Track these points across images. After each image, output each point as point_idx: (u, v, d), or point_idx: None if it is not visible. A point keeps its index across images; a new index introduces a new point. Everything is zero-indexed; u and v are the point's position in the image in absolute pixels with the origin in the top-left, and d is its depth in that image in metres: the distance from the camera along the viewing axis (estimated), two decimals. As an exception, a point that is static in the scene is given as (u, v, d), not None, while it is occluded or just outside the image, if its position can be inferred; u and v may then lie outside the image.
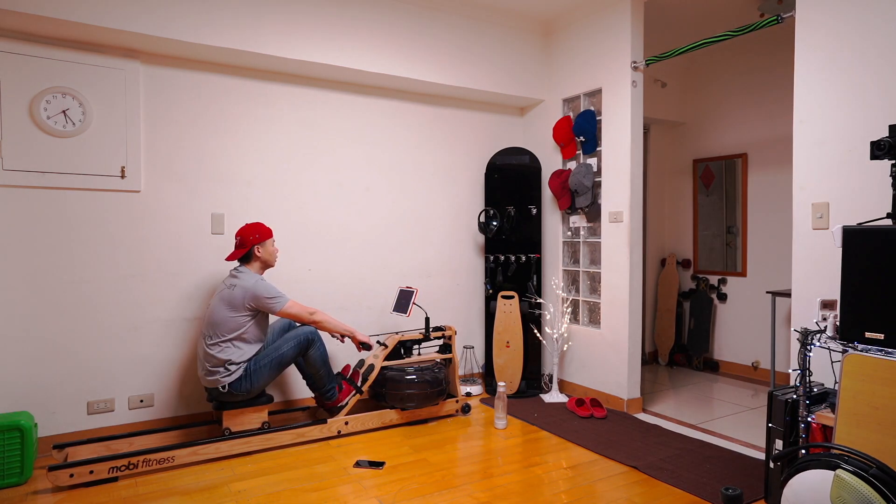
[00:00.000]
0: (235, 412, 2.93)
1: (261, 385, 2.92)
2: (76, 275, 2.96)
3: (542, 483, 2.56)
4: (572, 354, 4.03)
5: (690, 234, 5.04)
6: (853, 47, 2.52)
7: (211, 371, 2.84)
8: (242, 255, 2.98)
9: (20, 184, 2.82)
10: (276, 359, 2.96)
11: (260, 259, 3.00)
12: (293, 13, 3.26)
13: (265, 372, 2.92)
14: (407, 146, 3.97)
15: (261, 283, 2.89)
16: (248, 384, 2.87)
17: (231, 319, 2.84)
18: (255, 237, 2.97)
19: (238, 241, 2.98)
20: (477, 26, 3.93)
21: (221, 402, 2.90)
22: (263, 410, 3.00)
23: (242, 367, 2.87)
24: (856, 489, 1.63)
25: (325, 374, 3.12)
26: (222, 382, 2.83)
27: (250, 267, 2.99)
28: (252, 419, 2.97)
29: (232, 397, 2.88)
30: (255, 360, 2.92)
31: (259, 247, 2.98)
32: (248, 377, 2.87)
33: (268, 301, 2.88)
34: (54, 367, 2.92)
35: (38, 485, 2.55)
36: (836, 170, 2.57)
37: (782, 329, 4.30)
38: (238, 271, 2.94)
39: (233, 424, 2.93)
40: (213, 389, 2.87)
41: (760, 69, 4.48)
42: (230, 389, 2.84)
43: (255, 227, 2.98)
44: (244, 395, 2.88)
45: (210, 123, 3.30)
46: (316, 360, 3.08)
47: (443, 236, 4.14)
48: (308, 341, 3.05)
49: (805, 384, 2.15)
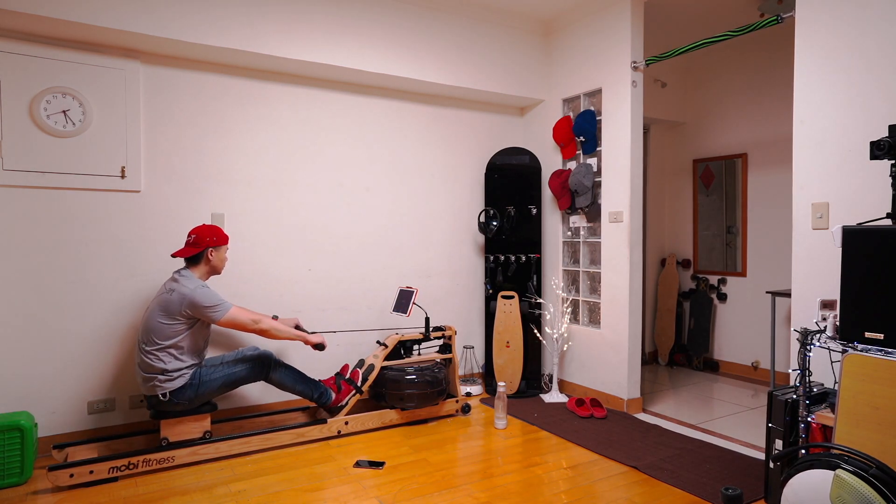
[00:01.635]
0: (174, 421, 2.76)
1: (205, 397, 2.77)
2: (76, 275, 2.96)
3: (542, 483, 2.56)
4: (572, 354, 4.03)
5: (690, 234, 5.04)
6: (853, 47, 2.52)
7: (147, 378, 2.67)
8: (192, 256, 2.79)
9: (20, 184, 2.82)
10: (230, 375, 2.83)
11: (210, 264, 2.83)
12: (293, 13, 3.26)
13: (214, 385, 2.77)
14: (407, 146, 3.97)
15: (200, 291, 2.68)
16: (192, 393, 2.71)
17: (166, 327, 2.65)
18: (212, 240, 2.80)
19: (192, 239, 2.79)
20: (477, 26, 3.93)
21: (159, 410, 2.71)
22: (205, 419, 2.83)
23: (187, 375, 2.72)
24: (856, 489, 1.63)
25: (303, 390, 3.02)
26: (163, 390, 2.66)
27: (195, 270, 2.80)
28: (193, 428, 2.80)
29: (172, 406, 2.70)
30: (206, 371, 2.78)
31: (213, 250, 2.82)
32: (194, 387, 2.72)
33: (207, 310, 2.68)
34: (54, 367, 2.92)
35: (38, 485, 2.55)
36: (836, 170, 2.57)
37: (782, 329, 4.30)
38: (180, 274, 2.74)
39: (171, 434, 2.75)
40: (152, 397, 2.68)
41: (760, 69, 4.48)
42: (171, 398, 2.68)
43: (213, 230, 2.82)
44: (186, 404, 2.72)
45: (210, 123, 3.30)
46: (284, 381, 2.97)
47: (443, 236, 4.14)
48: (264, 366, 2.92)
49: (805, 384, 2.15)
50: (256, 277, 3.43)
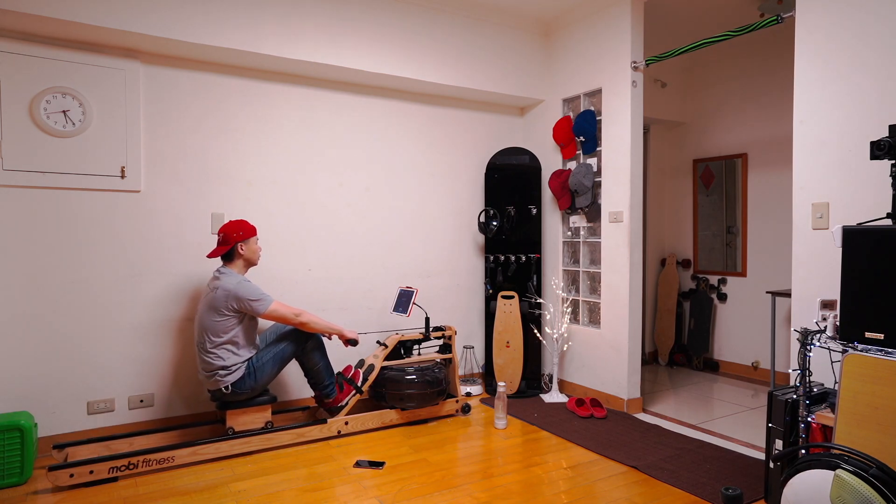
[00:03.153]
0: (239, 412, 2.92)
1: (264, 382, 2.91)
2: (76, 275, 2.96)
3: (542, 483, 2.56)
4: (572, 354, 4.03)
5: (690, 234, 5.04)
6: (853, 47, 2.52)
7: (209, 375, 2.82)
8: (225, 254, 2.90)
9: (20, 184, 2.82)
10: (278, 354, 2.95)
11: (243, 257, 2.92)
12: (293, 13, 3.26)
13: (268, 368, 2.90)
14: (407, 146, 3.97)
15: (244, 285, 2.82)
16: (253, 381, 2.86)
17: (218, 324, 2.79)
18: (239, 234, 2.89)
19: (221, 237, 2.90)
20: (477, 26, 3.93)
21: (225, 401, 2.88)
22: (267, 410, 2.99)
23: (244, 366, 2.86)
24: (856, 489, 1.63)
25: (324, 368, 3.11)
26: (224, 383, 2.81)
27: (233, 266, 2.91)
28: (256, 419, 2.96)
29: (235, 396, 2.86)
30: (257, 357, 2.91)
31: (242, 244, 2.90)
32: (252, 374, 2.86)
33: (251, 303, 2.81)
34: (54, 366, 2.92)
35: (38, 485, 2.55)
36: (836, 170, 2.57)
37: (782, 329, 4.30)
38: (220, 272, 2.87)
39: (236, 424, 2.92)
40: (216, 391, 2.85)
41: (760, 69, 4.48)
42: (234, 389, 2.82)
43: (238, 224, 2.91)
44: (248, 392, 2.87)
45: (210, 123, 3.30)
46: (314, 355, 3.07)
47: (443, 236, 4.14)
48: (307, 335, 3.05)
49: (805, 384, 2.15)
50: (257, 277, 3.43)
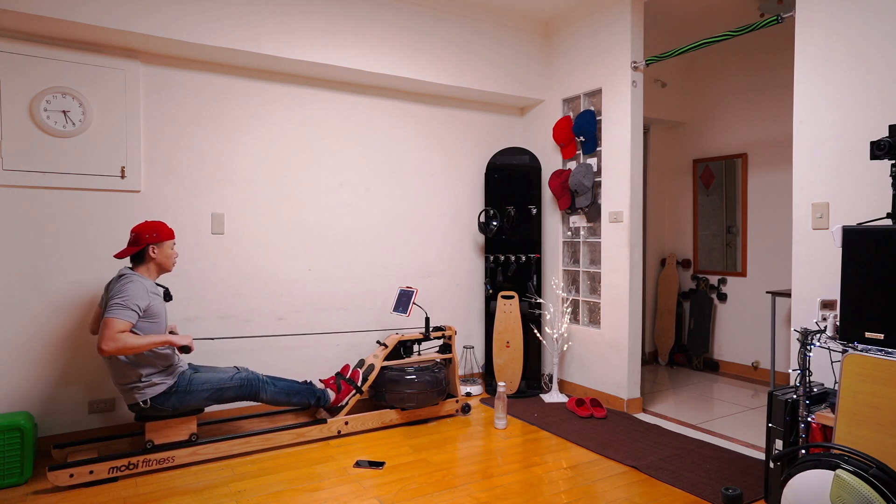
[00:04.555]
0: (160, 424, 2.69)
1: (191, 406, 2.69)
2: (76, 275, 2.96)
3: (542, 483, 2.56)
4: (572, 354, 4.03)
5: (690, 234, 5.04)
6: (853, 47, 2.52)
7: (124, 387, 2.56)
8: (136, 255, 2.66)
9: (20, 184, 2.82)
10: (217, 390, 2.74)
11: (154, 261, 2.68)
12: (293, 13, 3.26)
13: (201, 396, 2.70)
14: (407, 146, 3.97)
15: (126, 286, 2.50)
16: (177, 401, 2.63)
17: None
18: (153, 236, 2.65)
19: (132, 237, 2.67)
20: (477, 26, 3.93)
21: (143, 415, 2.65)
22: (192, 421, 2.75)
23: (170, 381, 2.62)
24: (856, 489, 1.63)
25: (298, 401, 2.99)
26: (143, 396, 2.56)
27: (141, 269, 2.66)
28: (179, 431, 2.73)
29: (156, 412, 2.62)
30: (197, 379, 2.70)
31: (155, 247, 2.66)
32: (179, 395, 2.63)
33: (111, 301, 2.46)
34: (54, 367, 2.92)
35: (38, 485, 2.55)
36: (836, 170, 2.57)
37: (782, 329, 4.30)
38: (122, 273, 2.60)
39: (157, 437, 2.69)
40: (133, 405, 2.59)
41: (760, 69, 4.48)
42: (153, 405, 2.59)
43: (154, 226, 2.68)
44: (170, 411, 2.64)
45: (210, 123, 3.30)
46: (277, 399, 2.92)
47: (443, 236, 4.14)
48: (252, 389, 2.85)
49: (805, 384, 2.15)
50: (257, 277, 3.43)
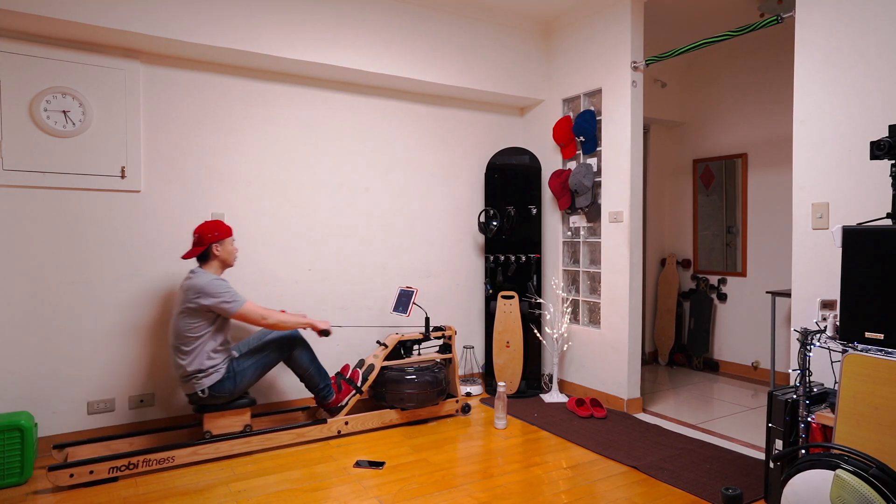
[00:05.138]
0: (216, 415, 2.85)
1: (244, 386, 2.87)
2: (76, 275, 2.96)
3: (542, 483, 2.56)
4: (572, 354, 4.03)
5: (690, 234, 5.04)
6: (853, 47, 2.52)
7: (185, 378, 2.76)
8: (200, 254, 2.85)
9: (20, 184, 2.82)
10: (261, 360, 2.92)
11: (218, 258, 2.86)
12: (293, 13, 3.26)
13: (249, 373, 2.87)
14: (407, 146, 3.97)
15: (214, 283, 2.74)
16: (232, 385, 2.81)
17: (191, 326, 2.72)
18: (214, 235, 2.83)
19: (195, 238, 2.85)
20: (477, 26, 3.93)
21: (202, 405, 2.82)
22: (246, 413, 2.93)
23: (223, 369, 2.80)
24: (856, 489, 1.63)
25: (316, 373, 3.09)
26: (201, 386, 2.75)
27: (208, 267, 2.85)
28: (234, 422, 2.90)
29: (213, 400, 2.79)
30: (239, 361, 2.87)
31: (217, 245, 2.84)
32: (232, 378, 2.81)
33: (223, 304, 2.73)
34: (54, 367, 2.92)
35: (38, 485, 2.55)
36: (836, 170, 2.57)
37: (782, 329, 4.30)
38: (192, 272, 2.81)
39: (213, 427, 2.85)
40: (193, 394, 2.78)
41: (760, 69, 4.48)
42: (211, 393, 2.76)
43: (214, 225, 2.86)
44: (226, 396, 2.81)
45: (210, 123, 3.30)
46: (302, 360, 3.04)
47: (443, 236, 4.14)
48: (291, 343, 3.01)
49: (805, 384, 2.15)
50: (257, 277, 3.43)
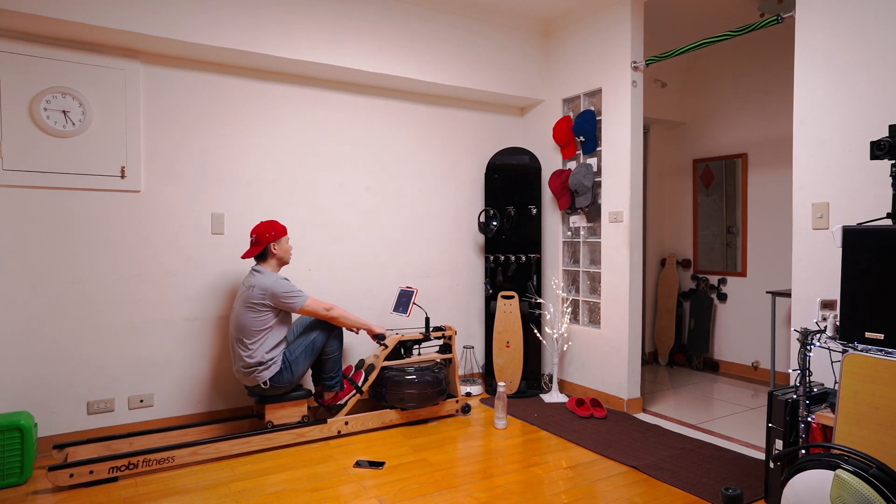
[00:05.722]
0: (277, 406, 3.01)
1: (300, 374, 3.02)
2: (76, 275, 2.96)
3: (542, 483, 2.56)
4: (572, 354, 4.03)
5: (690, 234, 5.04)
6: (853, 47, 2.52)
7: (248, 371, 2.89)
8: (259, 253, 3.00)
9: (20, 184, 2.82)
10: (309, 346, 3.05)
11: (276, 256, 3.03)
12: (293, 13, 3.26)
13: (301, 360, 3.01)
14: (407, 146, 3.97)
15: (280, 282, 2.92)
16: (290, 374, 2.96)
17: (254, 320, 2.87)
18: (271, 234, 2.99)
19: (254, 238, 3.00)
20: (477, 26, 3.93)
21: (264, 396, 2.97)
22: (303, 404, 3.09)
23: (280, 361, 2.94)
24: (856, 489, 1.63)
25: (338, 359, 3.20)
26: (263, 378, 2.89)
27: (266, 265, 3.01)
28: (293, 413, 3.07)
29: (274, 391, 2.96)
30: (290, 350, 3.01)
31: (275, 244, 3.01)
32: (288, 368, 2.96)
33: (289, 300, 2.92)
34: (54, 367, 2.92)
35: (38, 485, 2.55)
36: (836, 170, 2.57)
37: (782, 329, 4.30)
38: (256, 270, 2.98)
39: (275, 418, 3.01)
40: (255, 387, 2.94)
41: (760, 69, 4.48)
42: (272, 384, 2.92)
43: (270, 225, 3.01)
44: (286, 386, 2.97)
45: (210, 123, 3.30)
46: (333, 345, 3.17)
47: (443, 236, 4.14)
48: (331, 325, 3.16)
49: (805, 384, 2.15)
50: (256, 277, 3.43)
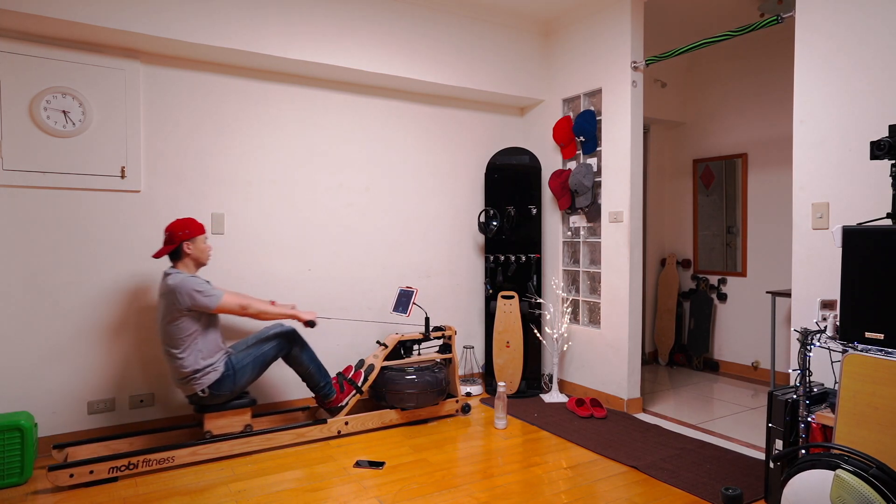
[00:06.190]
0: (216, 415, 2.84)
1: (244, 384, 2.86)
2: (76, 275, 2.96)
3: (542, 483, 2.56)
4: (572, 354, 4.03)
5: (690, 234, 5.04)
6: (853, 47, 2.52)
7: (183, 380, 2.73)
8: (171, 253, 2.79)
9: (20, 184, 2.82)
10: (259, 357, 2.90)
11: (191, 256, 2.81)
12: (293, 13, 3.26)
13: (248, 370, 2.86)
14: (407, 146, 3.97)
15: (188, 282, 2.69)
16: (232, 383, 2.80)
17: (177, 328, 2.69)
18: (185, 233, 2.78)
19: (166, 236, 2.80)
20: (477, 26, 3.93)
21: (202, 405, 2.80)
22: (246, 413, 2.92)
23: (221, 367, 2.78)
24: (856, 489, 1.63)
25: (316, 371, 3.08)
26: (201, 386, 2.73)
27: (180, 265, 2.80)
28: (234, 422, 2.89)
29: (214, 399, 2.79)
30: (238, 358, 2.85)
31: (189, 243, 2.79)
32: (232, 376, 2.80)
33: (201, 299, 2.69)
34: (54, 367, 2.92)
35: (38, 485, 2.55)
36: (836, 170, 2.57)
37: (782, 329, 4.30)
38: (167, 273, 2.76)
39: (214, 427, 2.84)
40: (192, 395, 2.77)
41: (760, 69, 4.48)
42: (211, 392, 2.75)
43: (185, 223, 2.80)
44: (227, 395, 2.81)
45: (210, 123, 3.30)
46: (301, 358, 3.03)
47: (443, 236, 4.14)
48: (289, 339, 3.00)
49: (805, 384, 2.15)
50: (256, 277, 3.43)
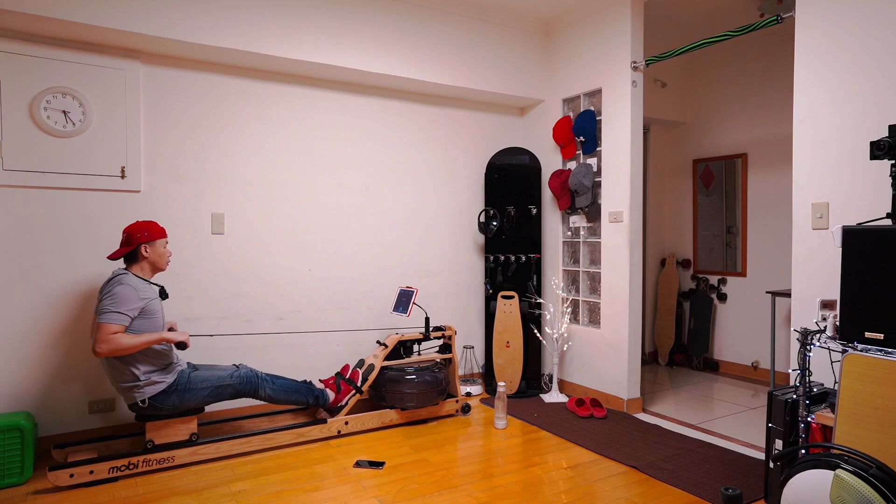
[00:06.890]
0: (160, 424, 2.68)
1: (192, 404, 2.69)
2: (76, 275, 2.96)
3: (542, 483, 2.56)
4: (572, 354, 4.03)
5: (690, 234, 5.04)
6: (853, 47, 2.52)
7: (124, 387, 2.56)
8: (128, 254, 2.66)
9: (20, 184, 2.82)
10: (217, 388, 2.74)
11: (147, 260, 2.67)
12: (293, 14, 3.26)
13: (201, 395, 2.70)
14: (407, 146, 3.97)
15: (120, 290, 2.50)
16: (177, 400, 2.64)
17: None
18: (144, 235, 2.65)
19: (124, 237, 2.68)
20: (477, 26, 3.93)
21: (143, 414, 2.64)
22: (192, 421, 2.75)
23: (168, 381, 2.62)
24: (856, 489, 1.63)
25: (297, 399, 3.00)
26: (143, 396, 2.56)
27: (134, 268, 2.66)
28: (178, 431, 2.73)
29: (154, 411, 2.62)
30: (196, 377, 2.70)
31: (147, 246, 2.66)
32: (179, 392, 2.64)
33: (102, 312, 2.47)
34: (54, 367, 2.92)
35: (38, 485, 2.55)
36: (836, 170, 2.57)
37: (782, 329, 4.30)
38: (115, 273, 2.61)
39: (157, 437, 2.68)
40: (133, 404, 2.60)
41: (760, 69, 4.48)
42: (151, 403, 2.59)
43: (145, 225, 2.68)
44: (168, 410, 2.64)
45: (210, 123, 3.30)
46: (273, 395, 2.91)
47: (443, 236, 4.14)
48: (251, 387, 2.85)
49: (805, 384, 2.15)
50: (256, 277, 3.43)
